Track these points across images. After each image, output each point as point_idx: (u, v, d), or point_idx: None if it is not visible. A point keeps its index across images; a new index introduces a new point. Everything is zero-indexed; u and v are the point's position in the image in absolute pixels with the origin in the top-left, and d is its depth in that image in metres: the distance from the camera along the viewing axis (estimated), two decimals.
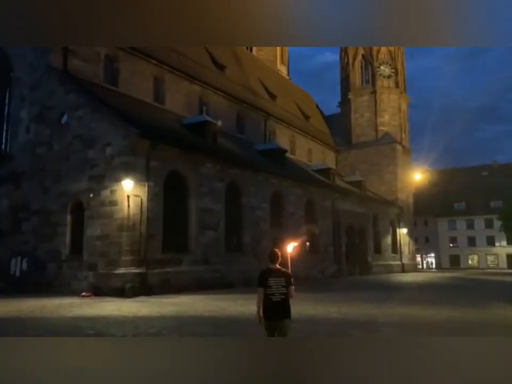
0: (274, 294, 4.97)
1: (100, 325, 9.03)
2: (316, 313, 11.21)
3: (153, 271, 15.86)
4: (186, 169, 18.21)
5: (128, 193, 15.40)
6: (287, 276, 5.16)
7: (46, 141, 18.27)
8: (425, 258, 59.76)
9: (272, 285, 5.01)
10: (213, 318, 10.28)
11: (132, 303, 13.14)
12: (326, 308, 12.24)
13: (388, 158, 41.62)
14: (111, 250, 15.53)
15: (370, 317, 10.71)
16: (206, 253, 18.64)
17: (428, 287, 22.55)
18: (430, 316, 10.98)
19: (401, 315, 11.02)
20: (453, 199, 59.91)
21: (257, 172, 22.37)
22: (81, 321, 9.51)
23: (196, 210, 18.41)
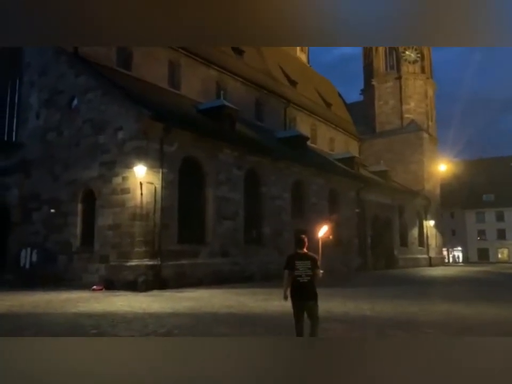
0: (301, 275, 5.42)
1: (105, 323, 7.99)
2: (347, 310, 9.97)
3: (168, 263, 14.83)
4: (203, 155, 17.08)
5: (141, 180, 14.36)
6: (313, 259, 5.57)
7: (56, 126, 17.40)
8: (452, 252, 57.51)
9: (299, 267, 5.45)
10: (231, 315, 9.15)
11: (144, 297, 12.13)
12: (357, 305, 10.98)
13: (413, 146, 39.77)
14: (123, 241, 14.55)
15: (409, 315, 9.43)
16: (224, 245, 17.53)
17: (462, 282, 20.99)
18: (476, 314, 9.63)
19: (444, 313, 9.69)
20: (481, 190, 57.46)
21: (277, 160, 21.10)
22: (85, 319, 8.50)
23: (213, 199, 17.29)
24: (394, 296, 13.10)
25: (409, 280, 21.36)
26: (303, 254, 5.65)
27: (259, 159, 19.88)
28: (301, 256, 5.62)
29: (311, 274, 5.47)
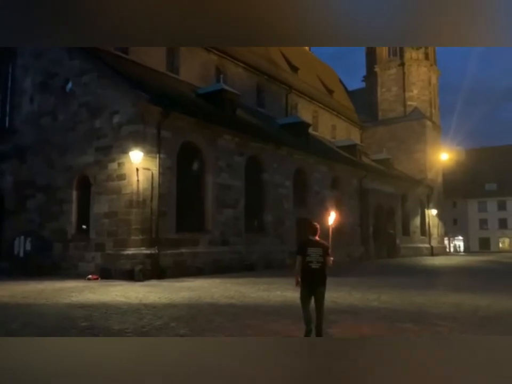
0: (312, 261, 5.54)
1: (98, 315, 7.53)
2: (353, 301, 9.52)
3: (166, 252, 14.37)
4: (202, 141, 16.52)
5: (137, 166, 13.83)
6: (325, 246, 5.70)
7: (50, 111, 16.82)
8: (453, 241, 57.16)
9: (311, 253, 5.57)
10: (231, 306, 8.69)
11: (140, 287, 11.68)
12: (363, 295, 10.53)
13: (417, 135, 39.11)
14: (119, 229, 14.07)
15: (418, 306, 8.97)
16: (225, 233, 17.06)
17: (467, 271, 20.57)
18: (488, 305, 9.16)
19: (455, 305, 9.23)
20: (483, 179, 56.93)
21: (280, 146, 20.53)
22: (77, 310, 8.04)
23: (212, 187, 16.78)
24: (400, 286, 12.65)
25: (413, 269, 20.94)
26: (316, 241, 5.77)
27: (261, 145, 19.31)
28: (313, 243, 5.73)
29: (322, 261, 5.61)
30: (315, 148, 25.10)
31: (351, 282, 13.76)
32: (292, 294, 10.54)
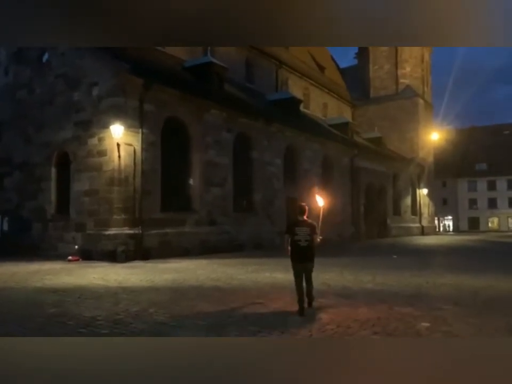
0: (301, 240, 5.86)
1: (69, 300, 6.89)
2: (346, 283, 8.98)
3: (151, 232, 13.71)
4: (188, 115, 15.70)
5: (118, 141, 13.03)
6: (312, 226, 6.01)
7: (26, 83, 15.84)
8: (442, 221, 57.30)
9: (299, 232, 5.88)
10: (217, 289, 8.10)
11: (122, 269, 11.04)
12: (356, 276, 10.01)
13: (409, 113, 38.53)
14: (100, 208, 13.35)
15: (416, 288, 8.47)
16: (212, 213, 16.42)
17: (460, 251, 20.27)
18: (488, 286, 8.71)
19: (454, 286, 8.75)
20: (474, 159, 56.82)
21: (270, 123, 19.76)
22: (47, 294, 7.39)
23: (199, 164, 16.04)
24: (393, 267, 12.19)
25: (405, 249, 20.58)
26: (303, 221, 6.06)
27: (250, 121, 18.52)
28: (301, 223, 6.03)
29: (309, 240, 5.94)
30: (306, 125, 24.37)
31: (343, 262, 13.29)
32: (282, 276, 10.00)
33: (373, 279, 9.60)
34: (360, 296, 7.53)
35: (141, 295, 7.35)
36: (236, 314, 5.88)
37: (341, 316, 5.93)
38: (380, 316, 5.98)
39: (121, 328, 5.18)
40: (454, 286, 8.80)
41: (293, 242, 5.93)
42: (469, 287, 8.62)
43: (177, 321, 5.53)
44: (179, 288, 8.06)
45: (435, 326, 5.47)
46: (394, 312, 6.31)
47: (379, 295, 7.68)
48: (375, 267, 12.07)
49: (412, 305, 6.79)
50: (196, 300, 6.94)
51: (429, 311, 6.41)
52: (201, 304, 6.58)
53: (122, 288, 7.98)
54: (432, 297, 7.53)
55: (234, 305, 6.54)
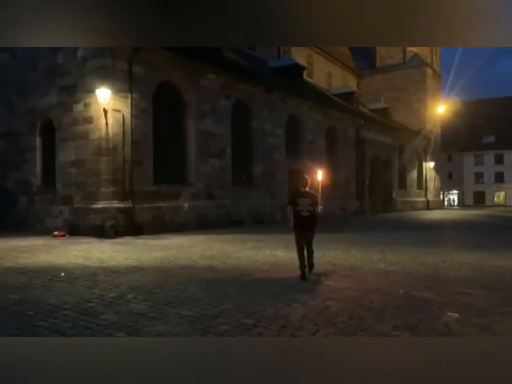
0: (303, 210, 6.25)
1: (38, 283, 6.00)
2: (355, 262, 8.07)
3: (142, 206, 12.78)
4: (183, 80, 14.51)
5: (105, 107, 11.93)
6: (314, 197, 6.40)
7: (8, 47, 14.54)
8: (447, 195, 56.26)
9: (301, 203, 6.26)
10: (211, 269, 7.20)
11: (109, 245, 10.16)
12: (365, 254, 9.11)
13: (416, 83, 37.05)
14: (88, 179, 12.38)
15: (432, 268, 7.57)
16: (209, 186, 15.44)
17: (469, 226, 19.37)
18: None
19: (474, 266, 7.84)
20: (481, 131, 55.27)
21: (271, 90, 18.53)
22: (15, 276, 6.50)
23: (195, 133, 14.96)
24: (404, 243, 11.30)
25: (413, 224, 19.70)
26: (305, 192, 6.36)
27: (250, 88, 17.31)
28: (303, 194, 6.33)
29: (311, 210, 6.25)
30: (310, 93, 23.09)
31: (349, 238, 12.39)
32: (282, 253, 9.11)
33: (383, 258, 8.70)
34: (372, 278, 6.62)
35: (122, 276, 6.45)
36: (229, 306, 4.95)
37: (352, 304, 5.02)
38: (398, 304, 5.07)
39: (88, 321, 4.28)
40: (475, 265, 7.89)
41: (295, 212, 6.27)
42: (492, 267, 7.71)
43: (158, 311, 4.63)
44: (168, 269, 7.16)
45: (465, 317, 4.57)
46: (414, 298, 5.41)
47: (393, 277, 6.77)
48: (384, 243, 11.17)
49: (432, 289, 5.89)
50: (184, 283, 6.04)
51: (453, 296, 5.51)
52: (190, 289, 5.67)
53: (103, 269, 7.08)
54: (453, 279, 6.63)
55: (229, 290, 5.64)
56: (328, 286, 5.98)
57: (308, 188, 6.42)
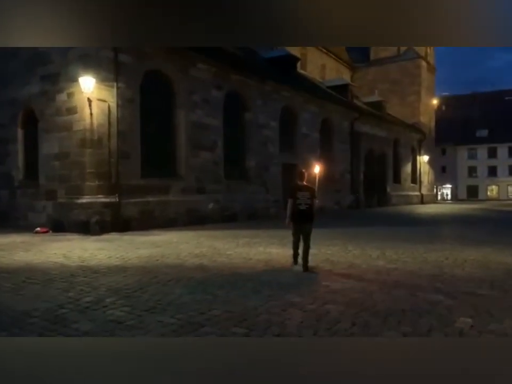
0: (301, 204, 6.50)
1: (8, 286, 5.46)
2: (353, 260, 7.61)
3: (130, 201, 12.21)
4: (172, 69, 13.91)
5: (89, 96, 11.32)
6: (312, 190, 6.64)
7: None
8: (440, 189, 56.11)
9: (300, 197, 6.51)
10: (200, 268, 6.70)
11: (93, 243, 9.60)
12: (363, 251, 8.66)
13: (411, 76, 36.59)
14: (72, 173, 11.79)
15: (438, 266, 7.14)
16: (201, 179, 14.90)
17: (466, 220, 19.01)
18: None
19: (480, 263, 7.41)
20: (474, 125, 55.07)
21: (264, 81, 17.97)
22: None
23: (186, 125, 14.38)
24: (402, 239, 10.87)
25: (409, 219, 19.33)
26: (303, 186, 6.63)
27: (242, 78, 16.73)
28: (301, 187, 6.60)
29: (309, 203, 6.50)
30: (304, 85, 22.55)
31: (345, 234, 11.94)
32: (277, 250, 8.63)
33: (382, 254, 8.26)
34: (373, 277, 6.16)
35: (102, 277, 5.92)
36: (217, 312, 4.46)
37: (354, 307, 4.56)
38: (403, 307, 4.61)
39: (57, 331, 3.77)
40: (479, 262, 7.47)
41: (294, 205, 6.52)
42: (497, 264, 7.30)
43: (137, 318, 4.12)
44: (153, 268, 6.64)
45: (480, 322, 4.12)
46: (420, 300, 4.95)
47: (395, 276, 6.32)
48: (381, 239, 10.74)
49: (439, 290, 5.44)
50: (170, 285, 5.53)
51: (462, 298, 5.06)
52: (176, 292, 5.17)
53: (83, 269, 6.55)
54: (459, 278, 6.19)
55: (218, 292, 5.14)
56: (327, 287, 5.51)
57: (305, 182, 6.74)
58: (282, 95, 19.19)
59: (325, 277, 6.10)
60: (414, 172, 35.50)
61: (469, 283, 5.85)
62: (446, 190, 56.69)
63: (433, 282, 5.88)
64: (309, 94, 21.24)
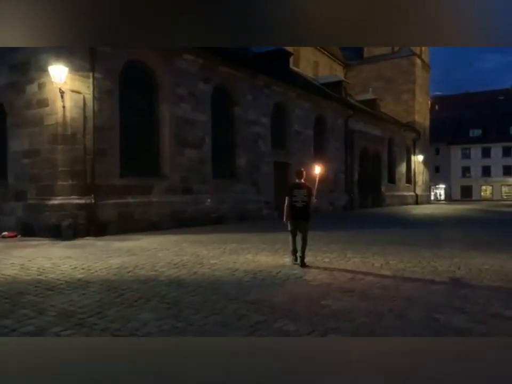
0: (298, 201, 6.76)
1: None
2: (355, 270, 6.67)
3: (107, 202, 11.18)
4: (155, 59, 12.88)
5: (61, 87, 10.27)
6: (309, 189, 6.89)
7: None
8: (434, 189, 55.52)
9: (297, 195, 6.78)
10: (176, 283, 5.71)
11: (62, 249, 8.57)
12: (364, 258, 7.72)
13: (405, 74, 35.84)
14: (43, 172, 10.73)
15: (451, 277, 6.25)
16: (187, 179, 13.89)
17: (465, 221, 18.23)
18: None
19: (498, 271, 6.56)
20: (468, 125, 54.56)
21: (255, 74, 17.00)
22: None
23: (170, 120, 13.36)
24: (404, 243, 9.97)
25: (407, 220, 18.50)
26: (301, 184, 6.97)
27: (232, 71, 15.75)
28: (299, 186, 6.93)
29: (306, 201, 6.81)
30: (297, 80, 21.62)
31: (342, 237, 11.02)
32: (267, 258, 7.65)
33: (386, 263, 7.33)
34: (379, 293, 5.21)
35: (56, 296, 4.91)
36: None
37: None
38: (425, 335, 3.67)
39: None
40: (498, 272, 6.57)
41: (291, 203, 6.75)
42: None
43: None
44: (121, 283, 5.63)
45: None
46: (444, 326, 4.01)
47: (405, 291, 5.39)
48: (381, 243, 9.83)
49: (461, 310, 4.54)
50: (136, 307, 4.53)
51: (490, 321, 4.16)
52: (141, 317, 4.17)
53: (37, 284, 5.53)
54: (481, 294, 5.28)
55: (193, 318, 4.15)
56: (327, 307, 4.55)
57: (304, 181, 6.99)
58: (274, 90, 18.23)
59: (324, 294, 5.14)
60: (409, 171, 34.78)
61: (493, 300, 4.94)
62: (439, 190, 56.13)
63: (452, 300, 4.96)
64: (302, 89, 20.30)
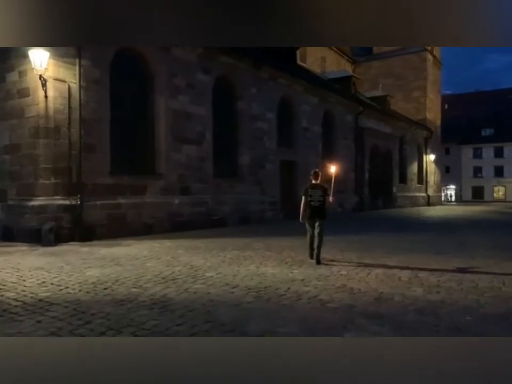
0: (313, 200, 7.12)
1: None
2: (378, 287, 5.53)
3: (95, 203, 10.08)
4: (149, 47, 11.77)
5: (43, 74, 9.19)
6: (324, 188, 7.26)
7: None
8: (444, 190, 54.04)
9: (312, 194, 7.15)
10: (161, 305, 4.59)
11: (37, 258, 7.47)
12: (387, 270, 6.59)
13: (416, 70, 34.59)
14: (23, 169, 9.66)
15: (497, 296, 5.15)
16: (184, 178, 12.78)
17: (483, 224, 16.98)
18: None
19: None
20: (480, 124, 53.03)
21: (260, 66, 15.87)
22: None
23: (166, 113, 12.25)
24: (427, 250, 8.83)
25: (423, 223, 17.28)
26: (316, 184, 7.29)
27: (235, 62, 14.62)
28: (315, 186, 7.27)
29: (322, 200, 7.15)
30: (304, 74, 20.45)
31: (357, 243, 9.87)
32: (274, 271, 6.50)
33: (414, 276, 6.29)
34: (415, 320, 4.05)
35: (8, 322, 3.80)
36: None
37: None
38: None
39: None
40: None
41: (307, 202, 7.15)
42: None
43: None
44: (90, 306, 4.51)
45: None
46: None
47: (447, 316, 4.23)
48: (403, 251, 8.66)
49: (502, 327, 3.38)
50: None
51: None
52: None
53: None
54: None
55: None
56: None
57: (319, 181, 7.30)
58: (280, 83, 17.09)
59: (346, 321, 4.00)
60: (420, 171, 33.49)
61: None
62: (449, 191, 54.63)
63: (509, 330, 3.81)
64: (309, 83, 19.13)
